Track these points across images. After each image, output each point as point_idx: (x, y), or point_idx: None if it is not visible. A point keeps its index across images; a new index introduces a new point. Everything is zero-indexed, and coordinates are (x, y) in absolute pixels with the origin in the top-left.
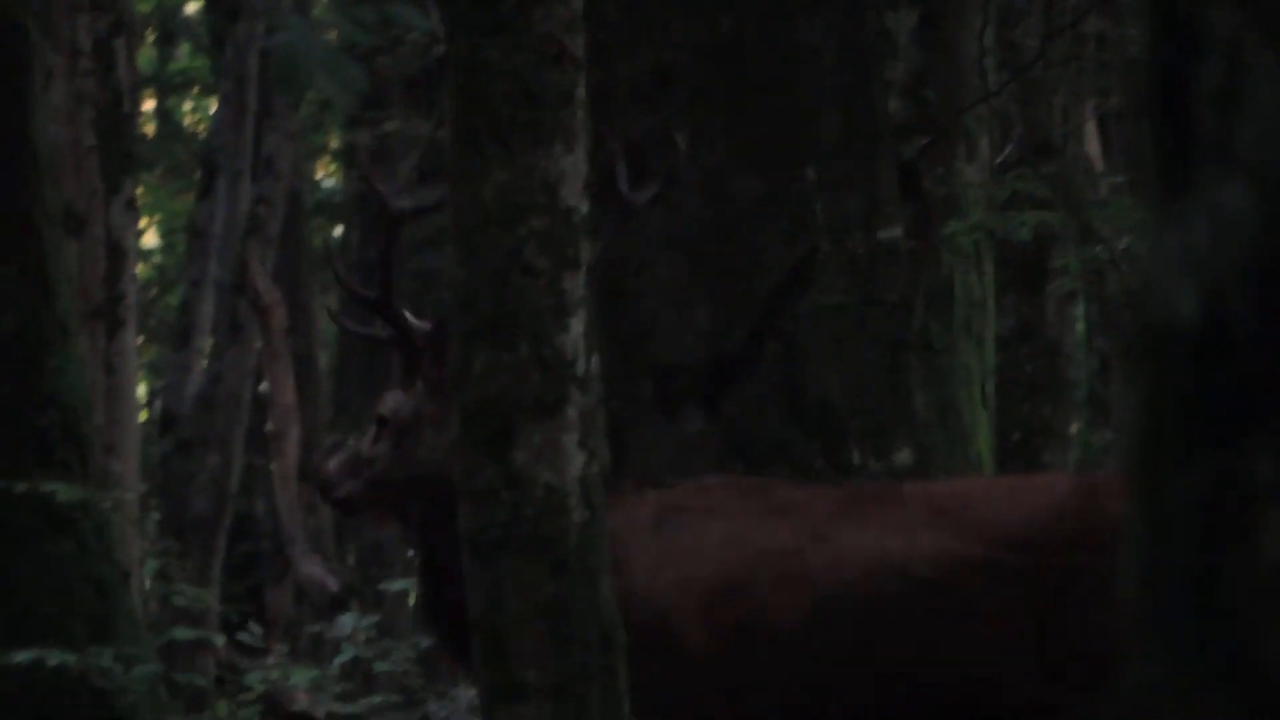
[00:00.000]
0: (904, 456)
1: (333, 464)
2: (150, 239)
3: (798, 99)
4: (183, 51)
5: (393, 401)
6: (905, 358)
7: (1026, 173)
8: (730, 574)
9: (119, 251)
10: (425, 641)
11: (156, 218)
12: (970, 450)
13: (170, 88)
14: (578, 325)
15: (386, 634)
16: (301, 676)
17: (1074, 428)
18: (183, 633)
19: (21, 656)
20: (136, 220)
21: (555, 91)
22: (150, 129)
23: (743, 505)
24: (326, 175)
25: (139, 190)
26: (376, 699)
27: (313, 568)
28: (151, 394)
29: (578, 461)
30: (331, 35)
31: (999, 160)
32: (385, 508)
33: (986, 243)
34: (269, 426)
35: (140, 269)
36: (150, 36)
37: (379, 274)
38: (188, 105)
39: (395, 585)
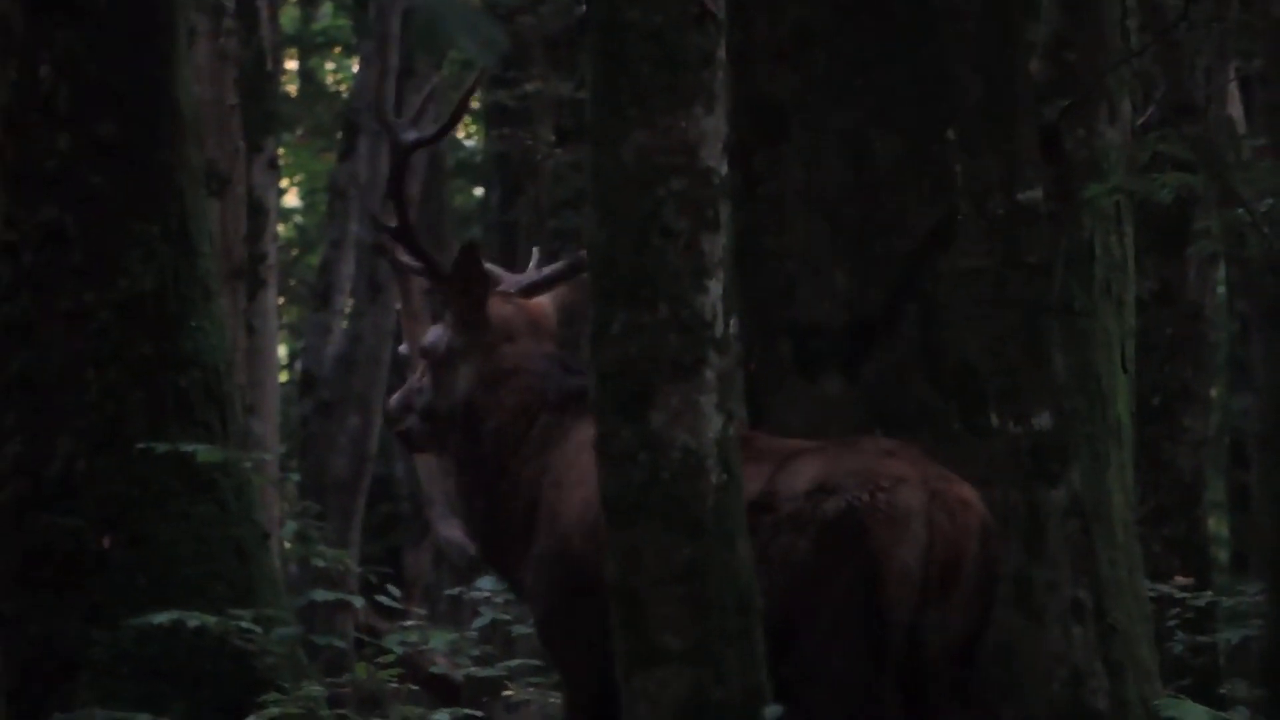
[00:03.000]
0: (1043, 420)
1: (394, 398)
2: (291, 199)
3: (939, 60)
4: (325, 11)
5: (431, 335)
6: (1045, 321)
7: (1168, 134)
8: (587, 503)
9: (260, 211)
10: None
11: (298, 177)
12: (1109, 414)
13: (313, 47)
14: (716, 287)
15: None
16: (440, 639)
17: (1214, 391)
18: (322, 595)
19: (162, 618)
20: (278, 180)
21: (696, 52)
22: (293, 88)
23: None
24: (467, 136)
25: (281, 150)
26: (514, 662)
27: (452, 530)
28: (292, 355)
29: (715, 424)
30: None
31: (1140, 122)
32: (435, 438)
33: (1127, 205)
34: None
35: (281, 229)
36: None
37: (395, 205)
38: (330, 65)
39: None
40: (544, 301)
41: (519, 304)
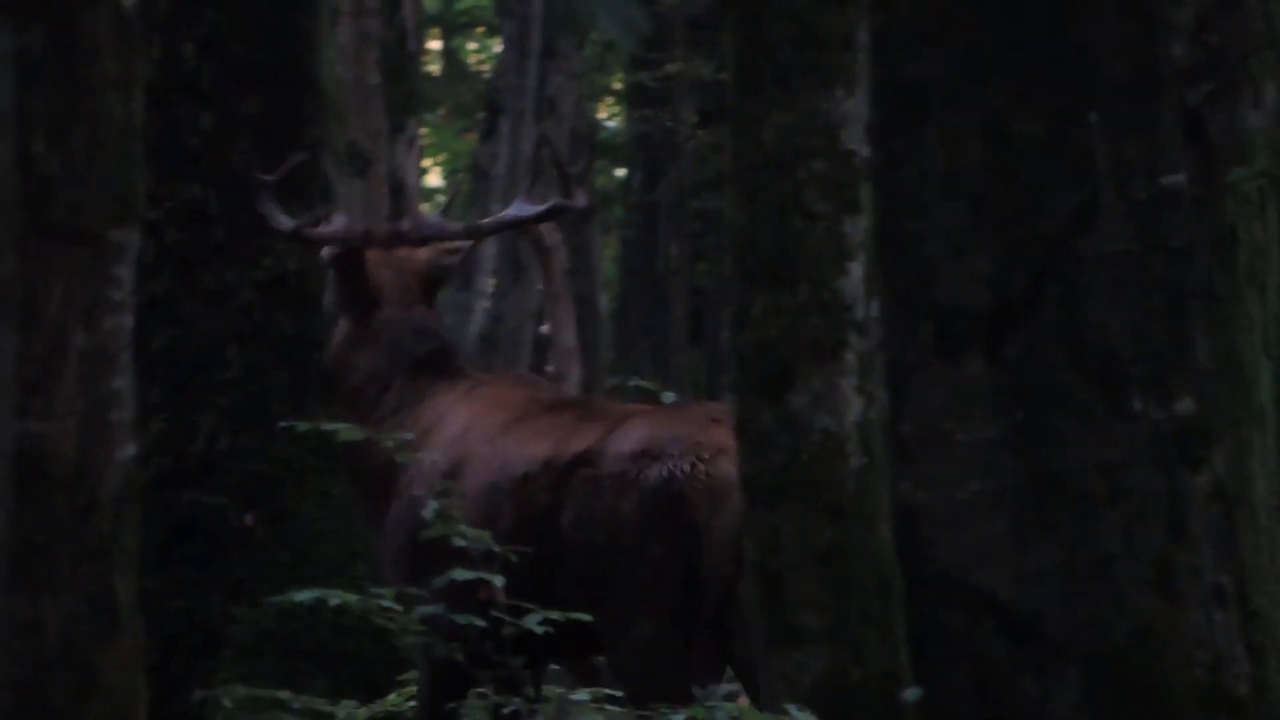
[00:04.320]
0: (1185, 404)
1: None
2: (434, 179)
3: (1080, 42)
4: None
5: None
6: (1188, 305)
7: None
8: (449, 459)
9: (402, 190)
10: None
11: (440, 157)
12: (1252, 399)
13: (455, 27)
14: (857, 269)
15: None
16: (580, 617)
17: None
18: (462, 574)
19: (304, 596)
20: (420, 159)
21: (837, 34)
22: (435, 68)
23: (488, 400)
24: (609, 116)
25: (423, 130)
26: None
27: None
28: None
29: (856, 406)
30: None
31: None
32: None
33: (1270, 190)
34: (550, 368)
35: (423, 208)
36: None
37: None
38: (472, 45)
39: None
40: (425, 254)
41: (397, 266)
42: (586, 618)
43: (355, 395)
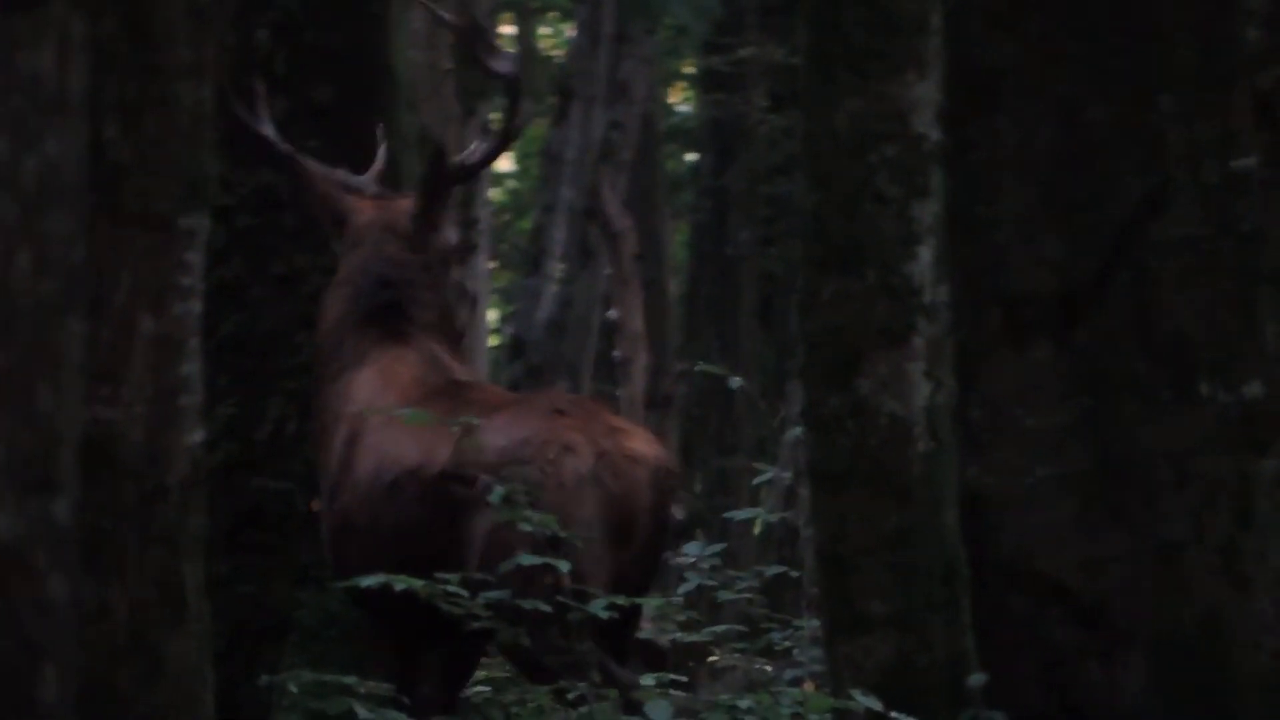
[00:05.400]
0: (1254, 389)
1: None
2: (504, 163)
3: (1154, 27)
4: None
5: None
6: (1257, 290)
7: None
8: (344, 444)
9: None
10: (770, 570)
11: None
12: None
13: (528, 12)
14: (927, 254)
15: (731, 563)
16: (645, 604)
17: None
18: (528, 559)
19: (370, 581)
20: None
21: (910, 18)
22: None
23: (387, 380)
24: (681, 101)
25: (494, 115)
26: (720, 628)
27: None
28: (502, 319)
29: (924, 391)
30: None
31: None
32: None
33: None
34: (618, 353)
35: (494, 193)
36: None
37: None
38: (545, 30)
39: (740, 514)
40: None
41: (383, 206)
42: (657, 601)
43: (320, 343)
